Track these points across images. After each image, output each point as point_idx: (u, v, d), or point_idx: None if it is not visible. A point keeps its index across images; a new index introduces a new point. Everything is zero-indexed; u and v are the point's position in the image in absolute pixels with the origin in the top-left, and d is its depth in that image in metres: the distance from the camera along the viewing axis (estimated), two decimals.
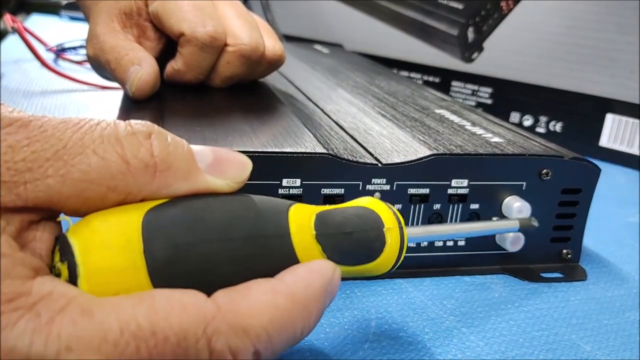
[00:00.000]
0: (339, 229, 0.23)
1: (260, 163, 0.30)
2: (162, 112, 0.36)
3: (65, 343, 0.16)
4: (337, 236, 0.23)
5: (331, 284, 0.21)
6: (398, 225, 0.24)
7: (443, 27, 0.70)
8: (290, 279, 0.20)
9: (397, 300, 0.31)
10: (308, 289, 0.20)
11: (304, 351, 0.26)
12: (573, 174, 0.35)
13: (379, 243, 0.24)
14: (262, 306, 0.19)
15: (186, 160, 0.21)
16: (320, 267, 0.21)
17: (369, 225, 0.24)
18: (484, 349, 0.28)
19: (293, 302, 0.20)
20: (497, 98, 0.68)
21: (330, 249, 0.23)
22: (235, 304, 0.19)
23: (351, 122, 0.39)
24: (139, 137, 0.20)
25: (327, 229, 0.23)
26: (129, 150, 0.19)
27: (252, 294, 0.19)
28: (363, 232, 0.23)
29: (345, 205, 0.24)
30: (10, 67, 0.73)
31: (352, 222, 0.23)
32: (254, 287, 0.20)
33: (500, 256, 0.35)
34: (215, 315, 0.18)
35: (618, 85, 0.59)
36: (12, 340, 0.16)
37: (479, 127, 0.40)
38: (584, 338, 0.30)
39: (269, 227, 0.21)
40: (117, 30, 0.42)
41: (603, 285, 0.35)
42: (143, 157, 0.19)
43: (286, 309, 0.19)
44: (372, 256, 0.24)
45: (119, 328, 0.16)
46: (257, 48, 0.42)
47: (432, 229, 0.29)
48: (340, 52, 0.74)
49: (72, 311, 0.16)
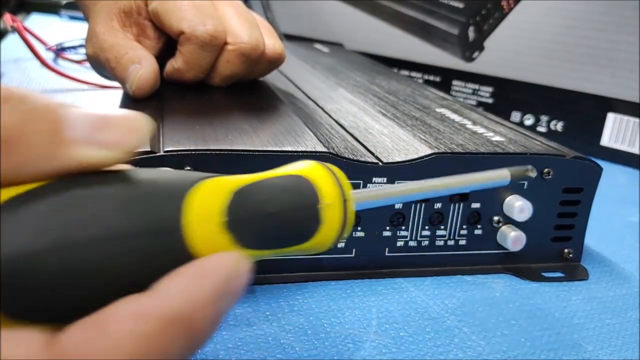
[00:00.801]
0: (259, 211, 0.18)
1: (261, 162, 0.30)
2: (161, 110, 0.36)
3: None
4: (256, 219, 0.18)
5: (230, 282, 0.17)
6: (341, 198, 0.19)
7: (444, 26, 0.70)
8: (166, 291, 0.16)
9: (398, 300, 0.31)
10: (190, 300, 0.16)
11: (304, 350, 0.26)
12: (574, 173, 0.35)
13: (312, 222, 0.19)
14: (120, 342, 0.15)
15: (48, 130, 0.16)
16: (213, 265, 0.17)
17: (299, 201, 0.19)
18: (485, 348, 0.28)
19: (167, 323, 0.15)
20: (498, 97, 0.68)
21: (246, 236, 0.18)
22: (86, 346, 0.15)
23: (352, 121, 0.39)
24: None
25: (244, 212, 0.18)
26: None
27: (110, 327, 0.15)
28: (290, 212, 0.19)
29: (276, 174, 0.20)
30: (10, 66, 0.73)
31: (277, 199, 0.19)
32: (115, 314, 0.15)
33: (501, 255, 0.35)
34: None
35: (619, 84, 0.59)
36: None
37: (480, 126, 0.39)
38: (585, 337, 0.29)
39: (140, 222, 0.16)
40: (116, 29, 0.41)
41: (605, 284, 0.35)
42: None
43: (156, 334, 0.15)
44: (303, 237, 0.19)
45: None
46: (257, 47, 0.42)
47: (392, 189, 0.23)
48: (341, 51, 0.74)
49: None
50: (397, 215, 0.33)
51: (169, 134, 0.31)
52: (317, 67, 0.59)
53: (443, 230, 0.34)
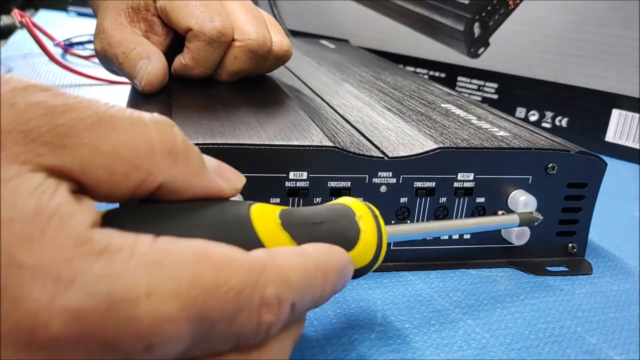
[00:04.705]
0: (307, 220, 0.23)
1: (268, 156, 0.30)
2: (170, 105, 0.36)
3: (145, 289, 0.17)
4: (306, 226, 0.23)
5: (346, 267, 0.23)
6: (371, 213, 0.25)
7: (449, 22, 0.70)
8: (312, 249, 0.22)
9: (404, 293, 0.32)
10: (328, 261, 0.22)
11: (311, 341, 0.27)
12: (579, 168, 0.35)
13: (352, 231, 0.24)
14: (296, 265, 0.20)
15: (199, 158, 0.22)
16: (338, 250, 0.23)
17: (339, 215, 0.24)
18: (489, 341, 0.28)
19: (316, 267, 0.21)
20: (502, 93, 0.68)
21: (300, 238, 0.23)
22: (276, 260, 0.20)
23: (357, 116, 0.39)
24: (164, 125, 0.21)
25: (294, 220, 0.23)
26: (155, 134, 0.20)
27: (285, 255, 0.21)
28: (334, 222, 0.24)
29: None
30: (19, 61, 0.74)
31: (320, 214, 0.24)
32: (284, 250, 0.21)
33: (505, 250, 0.36)
34: (264, 267, 0.19)
35: (624, 80, 0.59)
36: (91, 287, 0.16)
37: (485, 121, 0.40)
38: (589, 331, 0.30)
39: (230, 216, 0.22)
40: (124, 25, 0.42)
41: (608, 279, 0.35)
42: (168, 143, 0.20)
43: (311, 271, 0.21)
44: (349, 245, 0.24)
45: (189, 280, 0.18)
46: (264, 43, 0.42)
47: (421, 226, 0.30)
48: (347, 48, 0.74)
49: (141, 261, 0.17)
50: (403, 209, 0.33)
51: None
52: (323, 63, 0.59)
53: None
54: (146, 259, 0.17)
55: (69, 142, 0.18)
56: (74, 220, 0.17)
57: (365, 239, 0.24)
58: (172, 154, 0.20)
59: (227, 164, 0.24)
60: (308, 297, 0.21)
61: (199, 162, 0.22)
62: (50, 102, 0.18)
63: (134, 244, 0.18)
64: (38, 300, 0.16)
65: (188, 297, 0.17)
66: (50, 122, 0.18)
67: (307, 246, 0.22)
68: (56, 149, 0.18)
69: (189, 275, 0.18)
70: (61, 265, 0.16)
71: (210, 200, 0.22)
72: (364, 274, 0.25)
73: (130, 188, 0.20)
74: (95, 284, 0.16)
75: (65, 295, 0.16)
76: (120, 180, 0.19)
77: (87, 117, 0.19)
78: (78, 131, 0.18)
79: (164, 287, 0.17)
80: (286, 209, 0.24)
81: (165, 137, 0.20)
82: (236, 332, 0.19)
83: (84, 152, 0.18)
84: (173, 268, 0.18)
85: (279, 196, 0.31)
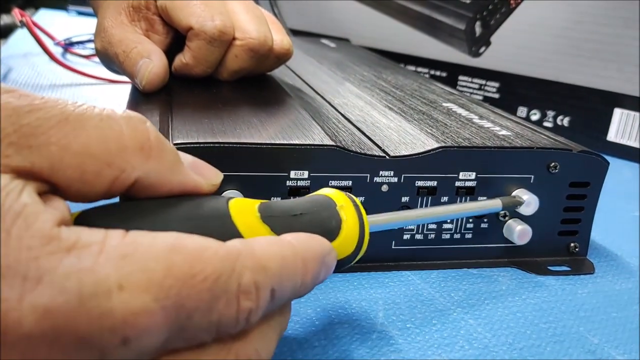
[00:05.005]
0: (287, 212, 0.23)
1: (269, 155, 0.30)
2: (170, 104, 0.36)
3: (116, 282, 0.17)
4: (286, 218, 0.23)
5: (327, 256, 0.23)
6: (352, 203, 0.25)
7: (450, 21, 0.70)
8: (291, 237, 0.22)
9: (405, 292, 0.32)
10: (307, 249, 0.22)
11: (312, 341, 0.27)
12: (581, 168, 0.35)
13: (334, 221, 0.24)
14: (272, 252, 0.20)
15: (174, 153, 0.22)
16: (318, 238, 0.23)
17: (320, 206, 0.24)
18: (491, 341, 0.28)
19: (295, 255, 0.21)
20: (504, 92, 0.68)
21: (281, 231, 0.23)
22: (251, 248, 0.20)
23: (359, 115, 0.39)
24: (135, 121, 0.21)
25: (273, 212, 0.23)
26: (127, 130, 0.20)
27: (261, 243, 0.21)
28: (314, 213, 0.24)
29: None
30: (19, 60, 0.74)
31: (300, 205, 0.24)
32: (261, 239, 0.21)
33: (507, 249, 0.35)
34: (240, 254, 0.19)
35: (626, 79, 0.59)
36: (60, 283, 0.16)
37: (487, 120, 0.40)
38: (591, 330, 0.30)
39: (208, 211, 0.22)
40: (125, 24, 0.42)
41: (610, 278, 0.35)
42: (140, 138, 0.20)
43: (290, 260, 0.21)
44: (331, 235, 0.24)
45: (162, 271, 0.17)
46: (265, 42, 0.42)
47: (403, 214, 0.29)
48: (347, 47, 0.74)
49: (111, 255, 0.17)
50: (404, 209, 0.33)
51: (177, 128, 0.31)
52: (324, 62, 0.59)
53: (449, 224, 0.34)
54: (117, 252, 0.17)
55: (35, 141, 0.18)
56: (40, 220, 0.17)
57: (347, 229, 0.24)
58: (144, 150, 0.20)
59: (202, 160, 0.24)
60: (288, 284, 0.21)
61: (174, 157, 0.22)
62: (15, 102, 0.18)
63: (103, 239, 0.18)
64: (7, 300, 0.16)
65: (162, 287, 0.17)
66: (15, 122, 0.18)
67: (285, 235, 0.22)
68: (23, 149, 0.18)
69: (161, 266, 0.18)
70: (28, 264, 0.16)
71: (187, 196, 0.22)
72: (347, 265, 0.25)
73: (104, 186, 0.20)
74: (64, 280, 0.16)
75: (34, 293, 0.16)
76: (92, 179, 0.19)
77: (53, 116, 0.19)
78: (44, 130, 0.18)
79: (136, 279, 0.17)
80: (265, 202, 0.24)
81: (136, 133, 0.20)
82: (215, 322, 0.19)
83: (52, 152, 0.18)
84: (145, 260, 0.17)
85: (280, 195, 0.31)
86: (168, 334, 0.18)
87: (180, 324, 0.18)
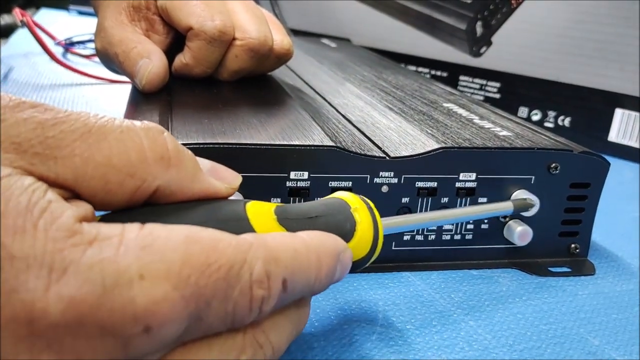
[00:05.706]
0: (303, 215, 0.24)
1: (268, 156, 0.30)
2: (170, 105, 0.36)
3: (137, 272, 0.17)
4: (302, 220, 0.24)
5: (343, 254, 0.23)
6: (366, 205, 0.25)
7: (451, 21, 0.69)
8: (305, 234, 0.22)
9: (405, 293, 0.31)
10: (321, 245, 0.22)
11: (312, 341, 0.27)
12: (582, 169, 0.35)
13: (349, 224, 0.25)
14: (284, 244, 0.21)
15: (193, 161, 0.23)
16: (332, 236, 0.23)
17: (335, 209, 0.25)
18: (491, 342, 0.28)
19: (307, 249, 0.22)
20: (505, 92, 0.68)
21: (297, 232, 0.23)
22: (263, 240, 0.21)
23: (359, 115, 0.39)
24: (154, 132, 0.21)
25: (290, 215, 0.24)
26: (146, 141, 0.21)
27: (273, 236, 0.21)
28: (330, 216, 0.24)
29: None
30: (20, 60, 0.74)
31: (316, 208, 0.24)
32: (274, 233, 0.22)
33: (508, 250, 0.35)
34: (252, 245, 0.20)
35: (627, 79, 0.59)
36: (84, 273, 0.17)
37: (487, 121, 0.40)
38: (592, 332, 0.30)
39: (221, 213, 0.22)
40: (125, 24, 0.42)
41: (611, 279, 0.35)
42: (159, 149, 0.21)
43: (302, 253, 0.21)
44: (346, 237, 0.24)
45: (180, 261, 0.18)
46: (266, 42, 0.42)
47: (416, 217, 0.30)
48: (348, 47, 0.74)
49: (130, 246, 0.18)
50: (404, 210, 0.33)
51: (177, 128, 0.31)
52: (324, 62, 0.59)
53: (450, 225, 0.34)
54: (136, 243, 0.18)
55: (59, 153, 0.19)
56: (64, 215, 0.18)
57: (362, 231, 0.25)
58: (164, 160, 0.21)
59: (220, 164, 0.25)
60: (301, 276, 0.21)
61: (193, 165, 0.22)
62: (40, 116, 0.19)
63: (122, 231, 0.18)
64: (34, 290, 0.16)
65: (180, 277, 0.18)
66: (40, 134, 0.19)
67: (299, 232, 0.23)
68: (48, 160, 0.19)
69: (179, 256, 0.18)
70: (53, 255, 0.17)
71: (206, 200, 0.23)
72: (362, 266, 0.25)
73: (127, 195, 0.20)
74: (88, 271, 0.17)
75: (60, 283, 0.16)
76: (115, 189, 0.20)
77: (77, 128, 0.19)
78: (68, 143, 0.19)
79: (155, 269, 0.18)
80: (282, 206, 0.24)
81: (156, 144, 0.21)
82: (231, 311, 0.19)
83: (76, 163, 0.19)
84: (163, 250, 0.18)
85: (279, 196, 0.31)
86: (187, 323, 0.18)
87: (199, 313, 0.18)
